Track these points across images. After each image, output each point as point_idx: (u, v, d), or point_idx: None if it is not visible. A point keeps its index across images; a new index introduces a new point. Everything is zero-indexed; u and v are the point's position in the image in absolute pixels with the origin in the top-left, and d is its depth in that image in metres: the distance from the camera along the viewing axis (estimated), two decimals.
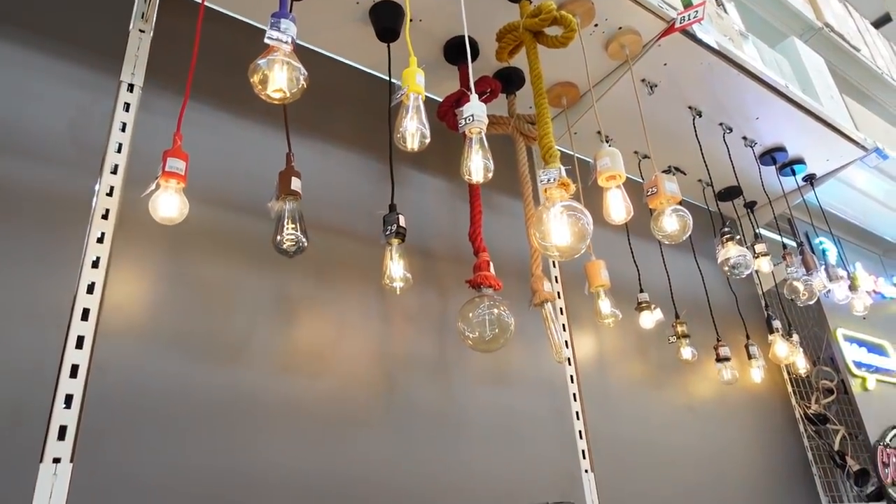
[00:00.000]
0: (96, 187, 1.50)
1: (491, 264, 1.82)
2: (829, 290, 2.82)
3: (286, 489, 1.50)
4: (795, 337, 3.01)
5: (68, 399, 1.31)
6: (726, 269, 2.33)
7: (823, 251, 3.49)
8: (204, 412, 1.46)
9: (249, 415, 1.52)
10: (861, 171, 3.39)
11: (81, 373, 1.34)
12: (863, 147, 2.96)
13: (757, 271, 2.95)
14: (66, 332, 1.35)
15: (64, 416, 1.29)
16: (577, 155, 2.56)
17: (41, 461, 1.24)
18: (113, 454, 1.33)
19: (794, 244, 2.88)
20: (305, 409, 1.62)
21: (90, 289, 1.41)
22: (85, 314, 1.38)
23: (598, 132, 2.46)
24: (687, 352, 2.49)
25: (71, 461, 1.26)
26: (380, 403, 1.75)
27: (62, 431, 1.28)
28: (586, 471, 2.11)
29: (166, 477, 1.37)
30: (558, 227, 1.50)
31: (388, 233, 1.64)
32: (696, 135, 2.60)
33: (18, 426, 1.25)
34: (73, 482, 1.25)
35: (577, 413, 2.19)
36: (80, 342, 1.36)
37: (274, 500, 1.48)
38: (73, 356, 1.34)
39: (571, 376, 2.24)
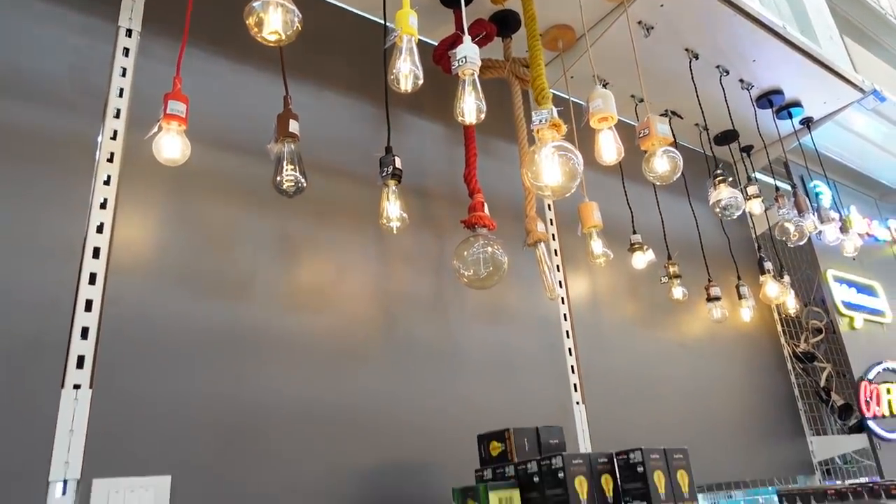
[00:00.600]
0: (100, 131, 1.55)
1: (486, 205, 1.88)
2: (820, 232, 2.88)
3: (290, 417, 1.60)
4: (787, 278, 3.08)
5: (84, 331, 1.39)
6: (717, 210, 2.38)
7: (817, 194, 3.52)
8: (211, 344, 1.55)
9: (254, 348, 1.61)
10: (860, 115, 3.40)
11: (95, 307, 1.41)
12: (860, 89, 2.96)
13: (750, 214, 3.00)
14: (79, 269, 1.42)
15: (81, 347, 1.37)
16: (572, 99, 2.58)
17: (62, 387, 1.33)
18: (128, 381, 1.41)
19: (788, 188, 2.92)
20: (307, 343, 1.70)
21: (99, 229, 1.48)
22: (96, 252, 1.45)
23: (594, 76, 2.48)
24: (678, 291, 2.57)
25: (90, 387, 1.35)
26: (379, 339, 1.84)
27: (80, 361, 1.36)
28: (577, 403, 2.21)
29: (178, 403, 1.46)
30: (549, 166, 1.55)
31: (384, 174, 1.69)
32: (693, 78, 2.61)
33: (41, 356, 1.33)
34: (93, 406, 1.34)
35: (569, 349, 2.28)
36: (92, 279, 1.43)
37: (279, 427, 1.58)
38: (86, 291, 1.42)
39: (564, 314, 2.32)
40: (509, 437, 1.56)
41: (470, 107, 1.53)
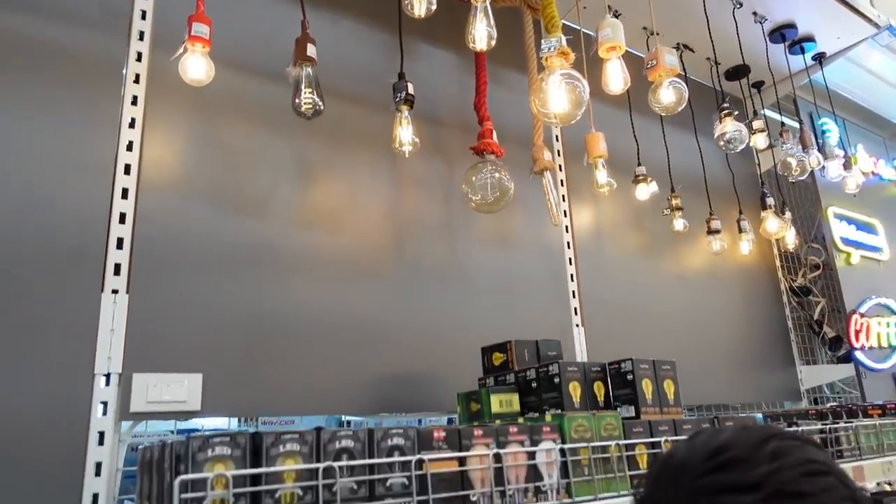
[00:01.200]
0: (126, 53, 1.61)
1: (494, 132, 1.94)
2: (823, 168, 2.92)
3: (307, 326, 1.73)
4: (788, 214, 3.15)
5: (119, 242, 1.50)
6: (721, 143, 2.43)
7: (824, 132, 3.54)
8: (235, 258, 1.66)
9: (274, 262, 1.72)
10: (875, 52, 3.37)
11: (129, 220, 1.52)
12: (875, 24, 2.94)
13: (756, 150, 3.04)
14: (112, 185, 1.52)
15: (117, 256, 1.49)
16: (584, 30, 2.59)
17: (102, 291, 1.45)
18: (161, 288, 1.54)
19: (795, 124, 2.95)
20: (324, 259, 1.81)
21: (129, 147, 1.57)
22: (127, 169, 1.55)
23: (607, 6, 2.48)
24: (679, 223, 2.65)
25: (127, 292, 1.48)
26: (390, 258, 1.95)
27: (117, 268, 1.48)
28: (577, 325, 2.34)
29: (207, 310, 1.59)
30: (556, 93, 1.61)
31: (397, 99, 1.75)
32: (706, 9, 2.60)
33: (82, 264, 1.44)
34: (130, 309, 1.47)
35: (571, 275, 2.39)
36: (125, 193, 1.53)
37: (297, 334, 1.71)
38: (120, 205, 1.52)
39: (568, 242, 2.42)
40: (511, 348, 1.68)
41: (481, 33, 1.58)
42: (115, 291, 1.46)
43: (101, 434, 1.38)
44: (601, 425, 1.29)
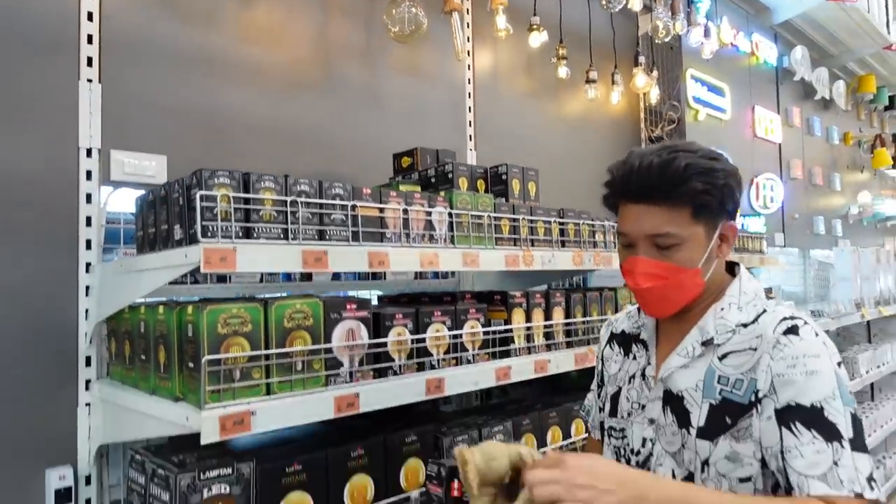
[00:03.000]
0: None
1: None
2: (687, 32, 3.44)
3: (254, 127, 2.09)
4: (655, 73, 3.71)
5: (89, 38, 1.75)
6: (603, 2, 2.86)
7: (694, 1, 4.02)
8: (192, 60, 1.96)
9: (224, 69, 2.04)
10: None
11: (95, 18, 1.76)
12: None
13: (637, 14, 3.48)
14: None
15: (88, 50, 1.75)
16: None
17: (79, 80, 1.73)
18: (128, 80, 1.83)
19: None
20: (265, 71, 2.14)
21: None
22: None
23: None
24: (563, 71, 3.12)
25: (99, 82, 1.76)
26: (320, 75, 2.30)
27: (90, 61, 1.75)
28: (470, 150, 2.83)
29: (169, 103, 1.91)
30: None
31: None
32: None
33: (57, 54, 1.70)
34: (104, 96, 1.76)
35: (469, 107, 2.84)
36: None
37: (245, 132, 2.07)
38: (87, 4, 1.75)
39: (469, 78, 2.84)
40: (416, 153, 2.14)
41: None
42: (89, 80, 1.75)
43: (89, 195, 1.73)
44: (478, 202, 1.81)
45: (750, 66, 4.83)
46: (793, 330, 1.05)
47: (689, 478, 1.09)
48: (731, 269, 1.21)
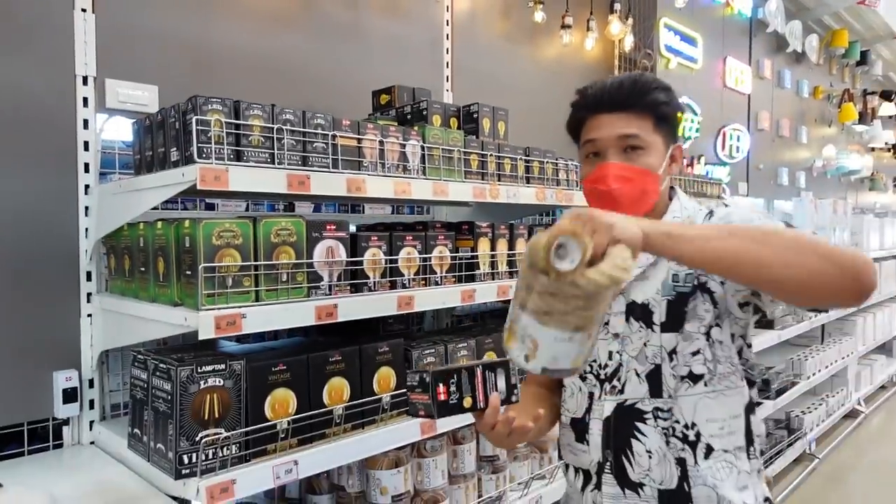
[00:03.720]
0: None
1: None
2: None
3: (241, 60, 2.20)
4: (630, 21, 3.81)
5: None
6: None
7: None
8: None
9: (211, 3, 2.13)
10: None
11: None
12: None
13: None
14: None
15: None
16: None
17: (73, 10, 1.81)
18: (121, 11, 1.92)
19: None
20: (252, 5, 2.24)
21: None
22: None
23: None
24: (539, 15, 3.22)
25: (93, 12, 1.85)
26: (305, 11, 2.40)
27: None
28: (447, 90, 2.95)
29: (161, 34, 2.01)
30: None
31: None
32: None
33: None
34: (98, 26, 1.86)
35: (447, 49, 2.94)
36: None
37: (234, 66, 2.18)
38: None
39: (447, 20, 2.94)
40: (394, 91, 2.27)
41: None
42: (83, 10, 1.84)
43: (86, 121, 1.85)
44: (449, 137, 1.96)
45: (724, 17, 4.93)
46: (727, 205, 1.26)
47: (656, 370, 1.21)
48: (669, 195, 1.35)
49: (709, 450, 1.19)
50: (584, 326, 0.97)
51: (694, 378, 1.19)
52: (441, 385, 1.13)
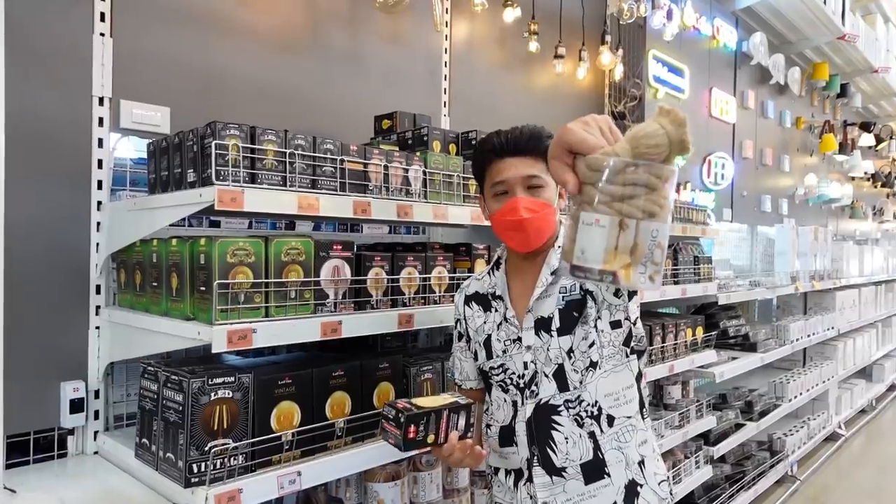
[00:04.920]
0: None
1: None
2: (651, 14, 3.68)
3: (248, 86, 2.29)
4: (620, 52, 3.95)
5: None
6: None
7: None
8: (192, 21, 2.14)
9: (221, 30, 2.22)
10: None
11: None
12: None
13: None
14: None
15: (101, 6, 1.91)
16: None
17: (93, 34, 1.89)
18: (137, 36, 2.00)
19: None
20: (260, 34, 2.33)
21: None
22: None
23: None
24: (533, 45, 3.34)
25: (111, 36, 1.93)
26: (310, 39, 2.49)
27: (102, 16, 1.91)
28: (444, 115, 3.05)
29: (173, 60, 2.09)
30: None
31: None
32: None
33: (74, 10, 1.86)
34: (115, 50, 1.94)
35: (444, 76, 3.05)
36: None
37: (242, 92, 2.26)
38: None
39: (446, 48, 3.05)
40: (396, 116, 2.37)
41: None
42: (102, 34, 1.92)
43: (100, 140, 1.92)
44: (449, 162, 2.05)
45: (710, 50, 5.11)
46: None
47: (560, 368, 1.42)
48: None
49: (610, 419, 1.42)
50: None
51: (594, 365, 1.42)
52: (412, 426, 1.32)
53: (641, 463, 1.46)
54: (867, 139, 8.28)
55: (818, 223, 6.92)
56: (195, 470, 1.46)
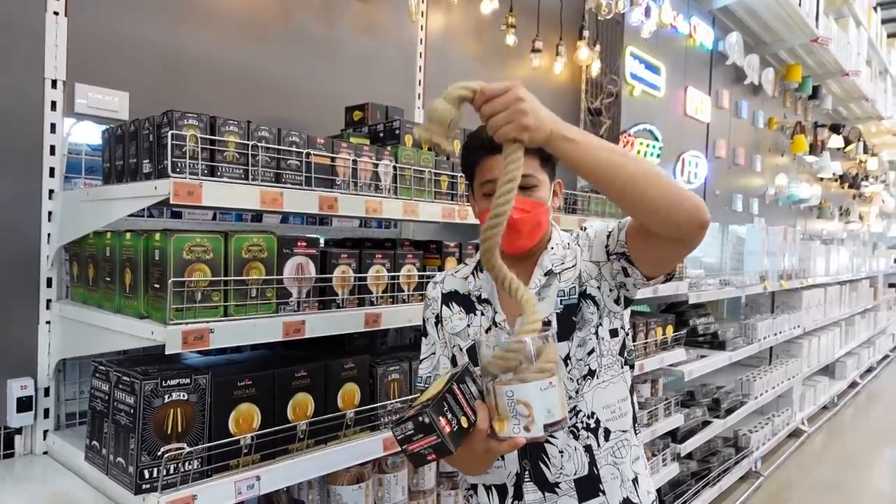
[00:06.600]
0: None
1: None
2: (628, 10, 3.66)
3: (213, 71, 2.20)
4: (598, 47, 3.92)
5: None
6: None
7: None
8: (157, 2, 2.04)
9: (184, 12, 2.12)
10: None
11: None
12: None
13: None
14: None
15: None
16: None
17: (45, 12, 1.79)
18: (94, 15, 1.90)
19: None
20: (226, 16, 2.23)
21: None
22: None
23: None
24: (510, 38, 3.29)
25: (66, 15, 1.83)
26: (280, 24, 2.40)
27: None
28: (418, 108, 2.99)
29: (133, 41, 1.99)
30: None
31: None
32: None
33: None
34: (69, 29, 1.83)
35: (419, 66, 2.99)
36: None
37: (206, 75, 2.17)
38: None
39: (421, 39, 2.98)
40: (367, 108, 2.30)
41: None
42: (56, 13, 1.81)
43: (53, 125, 1.82)
44: (421, 158, 2.00)
45: (686, 48, 5.11)
46: (585, 227, 1.44)
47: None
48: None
49: (607, 433, 1.36)
50: (551, 371, 1.07)
51: (592, 374, 1.35)
52: (441, 418, 1.08)
53: (635, 481, 1.39)
54: (836, 141, 8.41)
55: (787, 223, 7.02)
56: (147, 476, 1.39)
